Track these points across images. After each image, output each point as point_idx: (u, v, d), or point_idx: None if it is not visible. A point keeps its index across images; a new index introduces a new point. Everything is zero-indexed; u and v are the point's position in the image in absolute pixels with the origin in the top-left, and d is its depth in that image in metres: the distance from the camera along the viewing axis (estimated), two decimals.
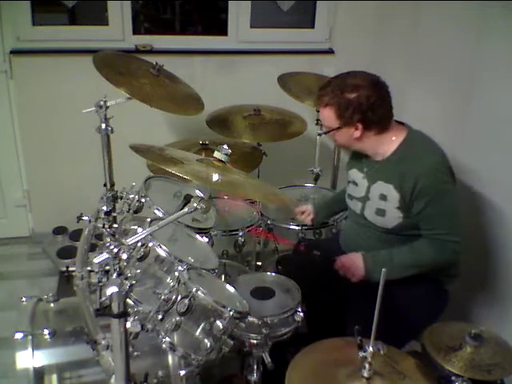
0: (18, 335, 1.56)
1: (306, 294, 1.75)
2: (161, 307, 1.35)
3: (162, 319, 1.34)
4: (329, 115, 1.78)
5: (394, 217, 1.80)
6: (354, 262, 1.85)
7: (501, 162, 2.09)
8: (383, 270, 1.16)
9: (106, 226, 1.69)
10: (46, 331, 1.60)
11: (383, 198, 1.81)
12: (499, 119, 2.08)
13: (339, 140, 1.86)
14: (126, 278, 1.12)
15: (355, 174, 1.96)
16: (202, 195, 1.90)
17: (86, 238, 1.73)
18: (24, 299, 1.75)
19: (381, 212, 1.82)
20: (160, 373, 1.52)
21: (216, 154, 1.48)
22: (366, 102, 1.72)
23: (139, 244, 1.38)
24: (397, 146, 1.80)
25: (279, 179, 2.42)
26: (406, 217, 1.78)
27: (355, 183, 1.96)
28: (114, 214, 1.79)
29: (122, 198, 1.72)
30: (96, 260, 1.12)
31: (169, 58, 2.75)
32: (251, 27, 3.19)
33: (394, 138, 1.80)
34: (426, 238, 1.79)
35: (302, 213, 2.27)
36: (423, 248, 1.79)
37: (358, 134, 1.78)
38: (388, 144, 1.81)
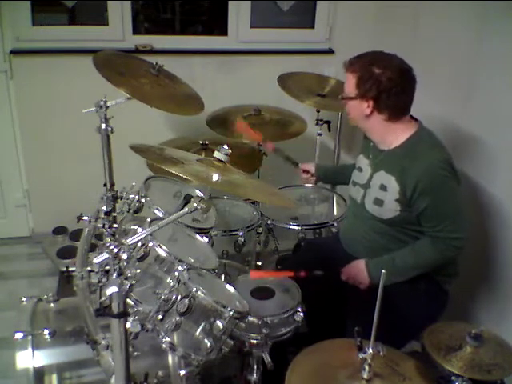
0: (18, 335, 1.56)
1: (306, 294, 1.75)
2: (161, 307, 1.35)
3: (162, 319, 1.34)
4: (351, 81, 1.80)
5: (391, 209, 1.80)
6: (358, 270, 1.87)
7: (501, 163, 2.09)
8: (383, 271, 1.17)
9: (106, 226, 1.69)
10: (46, 331, 1.59)
11: (383, 188, 1.82)
12: (499, 119, 2.08)
13: (351, 112, 1.87)
14: (126, 278, 1.12)
15: (361, 160, 1.99)
16: (201, 195, 1.90)
17: (86, 238, 1.73)
18: (24, 299, 1.75)
19: (379, 202, 1.84)
20: (160, 373, 1.52)
21: (216, 154, 1.48)
22: (386, 82, 1.73)
23: (139, 244, 1.38)
24: (404, 140, 1.81)
25: (279, 179, 2.41)
26: (403, 210, 1.79)
27: (360, 169, 1.99)
28: (114, 214, 1.79)
29: (121, 198, 1.72)
30: (96, 260, 1.12)
31: (169, 58, 2.75)
32: (251, 27, 3.18)
33: (403, 131, 1.81)
34: (428, 237, 1.79)
35: (306, 172, 2.34)
36: (425, 248, 1.79)
37: (368, 111, 1.79)
38: (395, 135, 1.82)
